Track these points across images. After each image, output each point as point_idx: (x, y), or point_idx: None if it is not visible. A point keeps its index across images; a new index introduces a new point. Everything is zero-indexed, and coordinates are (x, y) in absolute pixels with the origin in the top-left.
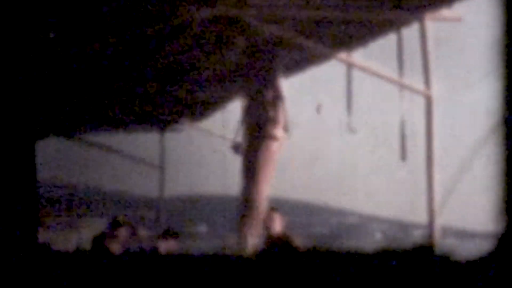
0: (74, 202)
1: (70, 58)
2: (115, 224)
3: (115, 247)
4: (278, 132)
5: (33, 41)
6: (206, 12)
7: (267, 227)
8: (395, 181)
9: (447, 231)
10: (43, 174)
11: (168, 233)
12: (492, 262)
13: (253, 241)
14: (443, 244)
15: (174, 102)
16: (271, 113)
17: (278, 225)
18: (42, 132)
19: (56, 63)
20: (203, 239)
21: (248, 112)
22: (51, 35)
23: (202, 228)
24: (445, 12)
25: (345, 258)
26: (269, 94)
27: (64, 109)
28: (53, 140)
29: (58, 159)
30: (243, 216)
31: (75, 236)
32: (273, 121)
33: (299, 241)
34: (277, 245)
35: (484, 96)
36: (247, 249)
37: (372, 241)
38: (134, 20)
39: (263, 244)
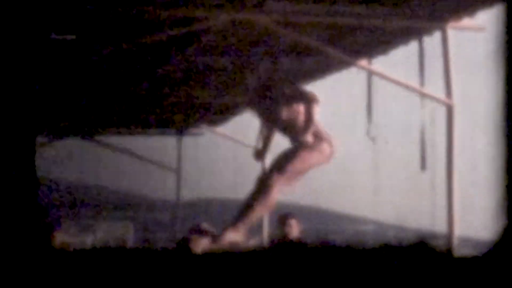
0: (90, 205)
1: (90, 61)
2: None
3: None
4: (307, 137)
5: (51, 43)
6: (224, 17)
7: (284, 232)
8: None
9: (466, 242)
10: (60, 175)
11: (199, 230)
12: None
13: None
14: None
15: (192, 106)
16: (296, 119)
17: (295, 231)
18: (59, 133)
19: (76, 66)
20: None
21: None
22: (70, 38)
23: (218, 232)
24: (467, 21)
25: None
26: (291, 100)
27: (82, 110)
28: (71, 141)
29: (75, 161)
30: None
31: (90, 238)
32: (300, 127)
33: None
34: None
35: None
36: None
37: None
38: (153, 25)
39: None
